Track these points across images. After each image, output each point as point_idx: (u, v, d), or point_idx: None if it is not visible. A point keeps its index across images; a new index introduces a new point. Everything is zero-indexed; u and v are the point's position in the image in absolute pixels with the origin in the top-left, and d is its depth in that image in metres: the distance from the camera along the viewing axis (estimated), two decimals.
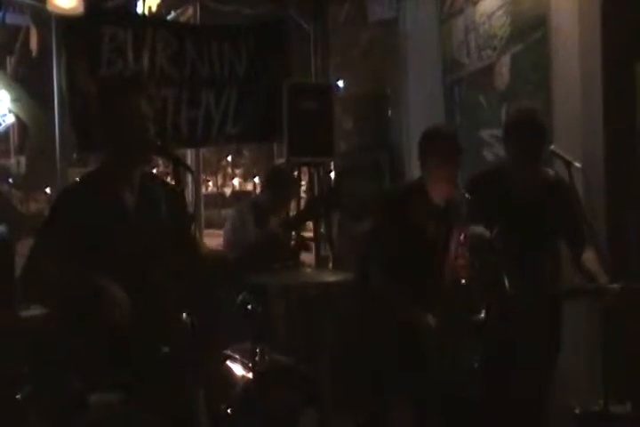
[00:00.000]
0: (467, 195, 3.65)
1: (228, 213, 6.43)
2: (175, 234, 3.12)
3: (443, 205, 3.84)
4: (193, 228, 3.42)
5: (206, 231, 9.71)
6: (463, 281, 3.60)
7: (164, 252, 3.09)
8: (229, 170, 39.99)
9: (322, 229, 7.01)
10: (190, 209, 7.50)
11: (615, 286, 3.65)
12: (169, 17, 9.58)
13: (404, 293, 3.64)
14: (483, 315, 3.61)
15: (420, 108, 6.50)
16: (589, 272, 3.87)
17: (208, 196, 21.93)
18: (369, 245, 3.98)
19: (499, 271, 3.85)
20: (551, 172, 4.17)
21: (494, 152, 5.53)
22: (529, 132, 3.96)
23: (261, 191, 6.08)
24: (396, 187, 4.01)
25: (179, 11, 9.52)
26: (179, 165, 3.06)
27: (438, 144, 3.78)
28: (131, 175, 3.10)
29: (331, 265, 6.67)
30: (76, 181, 3.21)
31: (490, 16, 5.67)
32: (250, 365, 4.27)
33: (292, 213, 6.60)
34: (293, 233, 5.84)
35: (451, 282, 3.60)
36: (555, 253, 4.03)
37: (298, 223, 5.65)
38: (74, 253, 2.90)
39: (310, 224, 6.79)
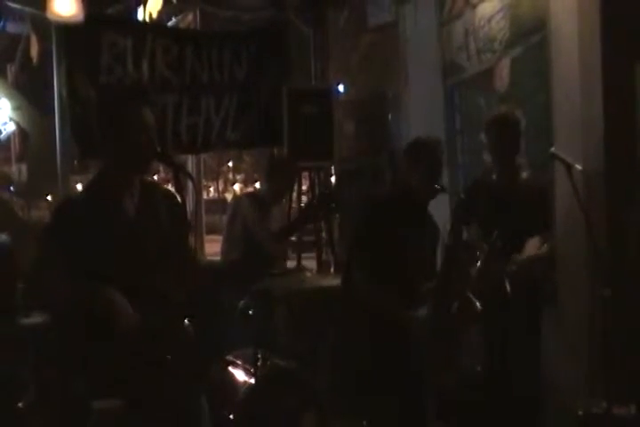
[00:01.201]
0: (462, 195, 3.78)
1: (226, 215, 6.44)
2: (175, 240, 3.12)
3: (427, 207, 3.98)
4: (191, 238, 3.42)
5: (208, 237, 9.70)
6: None
7: (165, 258, 3.09)
8: (230, 175, 39.98)
9: (323, 234, 7.02)
10: (190, 215, 7.51)
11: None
12: (169, 23, 9.60)
13: (389, 295, 3.68)
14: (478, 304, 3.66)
15: (420, 111, 6.50)
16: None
17: (209, 201, 21.90)
18: (354, 250, 3.99)
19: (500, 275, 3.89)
20: (525, 174, 4.47)
21: None
22: (497, 135, 4.36)
23: (262, 184, 6.09)
24: (381, 192, 4.15)
25: (179, 17, 9.54)
26: (179, 172, 3.07)
27: (422, 154, 3.92)
28: (131, 182, 3.10)
29: (332, 270, 6.66)
30: (77, 190, 3.23)
31: (489, 19, 5.68)
32: (251, 370, 4.27)
33: (293, 215, 6.62)
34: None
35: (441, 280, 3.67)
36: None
37: (295, 229, 5.68)
38: (76, 261, 2.90)
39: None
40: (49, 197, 18.43)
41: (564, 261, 4.43)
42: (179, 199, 3.19)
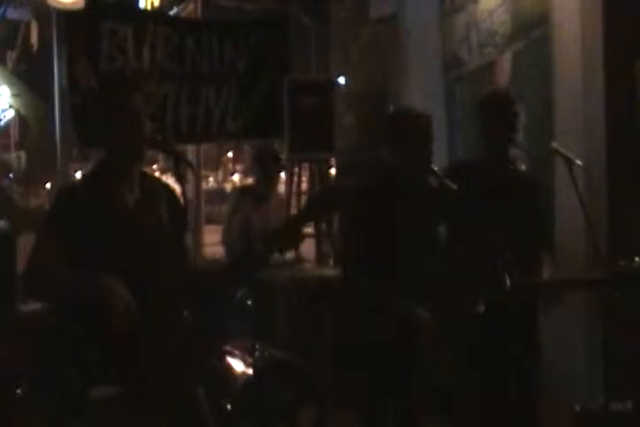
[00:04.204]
0: (447, 180, 3.59)
1: (225, 208, 6.48)
2: (173, 234, 3.13)
3: (415, 185, 3.72)
4: (188, 235, 3.43)
5: (207, 227, 9.70)
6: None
7: (163, 250, 3.09)
8: (230, 166, 39.96)
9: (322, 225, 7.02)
10: (190, 204, 7.51)
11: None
12: (171, 12, 9.59)
13: (389, 288, 3.54)
14: (482, 307, 3.52)
15: (420, 104, 6.47)
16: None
17: (208, 192, 21.87)
18: (347, 242, 3.85)
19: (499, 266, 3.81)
20: (523, 167, 4.17)
21: None
22: (494, 115, 3.95)
23: (251, 171, 6.13)
24: (360, 179, 3.85)
25: (180, 6, 9.52)
26: (179, 161, 3.07)
27: (409, 121, 3.69)
28: (130, 173, 3.10)
29: (332, 262, 6.67)
30: (77, 179, 3.22)
31: (491, 13, 5.66)
32: (249, 360, 4.28)
33: (295, 210, 6.62)
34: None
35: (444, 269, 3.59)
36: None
37: (300, 224, 5.65)
38: (75, 251, 2.90)
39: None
40: (48, 185, 18.45)
41: (564, 258, 4.44)
42: (177, 194, 3.21)
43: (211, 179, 36.48)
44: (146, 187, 3.14)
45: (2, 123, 16.06)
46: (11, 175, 18.43)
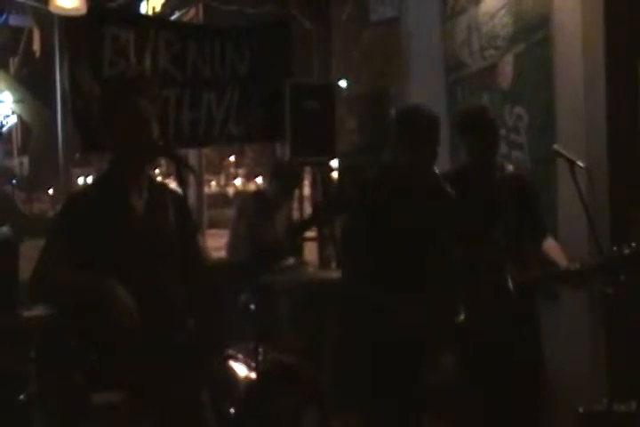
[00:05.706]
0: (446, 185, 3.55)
1: (231, 212, 6.48)
2: (181, 240, 3.13)
3: (421, 188, 3.67)
4: (199, 238, 3.43)
5: (209, 231, 9.73)
6: None
7: (172, 256, 3.10)
8: (232, 170, 40.05)
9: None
10: (193, 208, 7.53)
11: (576, 266, 3.68)
12: (173, 17, 9.60)
13: (390, 291, 3.51)
14: (462, 317, 3.47)
15: None
16: (549, 259, 3.87)
17: (211, 196, 21.90)
18: (345, 246, 3.80)
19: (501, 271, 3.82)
20: (510, 166, 4.19)
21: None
22: (481, 128, 3.93)
23: (267, 184, 6.16)
24: (364, 179, 3.83)
25: (182, 11, 9.55)
26: (181, 165, 3.07)
27: (419, 121, 3.61)
28: (138, 179, 3.10)
29: (334, 265, 6.67)
30: (85, 185, 3.23)
31: (493, 15, 5.67)
32: (252, 365, 4.28)
33: (297, 213, 6.63)
34: None
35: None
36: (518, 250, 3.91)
37: (304, 229, 5.68)
38: (84, 257, 2.91)
39: None
40: (50, 191, 18.48)
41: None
42: (184, 198, 3.22)
43: (213, 183, 36.55)
44: (154, 192, 3.14)
45: (4, 129, 16.11)
46: (14, 181, 18.44)
